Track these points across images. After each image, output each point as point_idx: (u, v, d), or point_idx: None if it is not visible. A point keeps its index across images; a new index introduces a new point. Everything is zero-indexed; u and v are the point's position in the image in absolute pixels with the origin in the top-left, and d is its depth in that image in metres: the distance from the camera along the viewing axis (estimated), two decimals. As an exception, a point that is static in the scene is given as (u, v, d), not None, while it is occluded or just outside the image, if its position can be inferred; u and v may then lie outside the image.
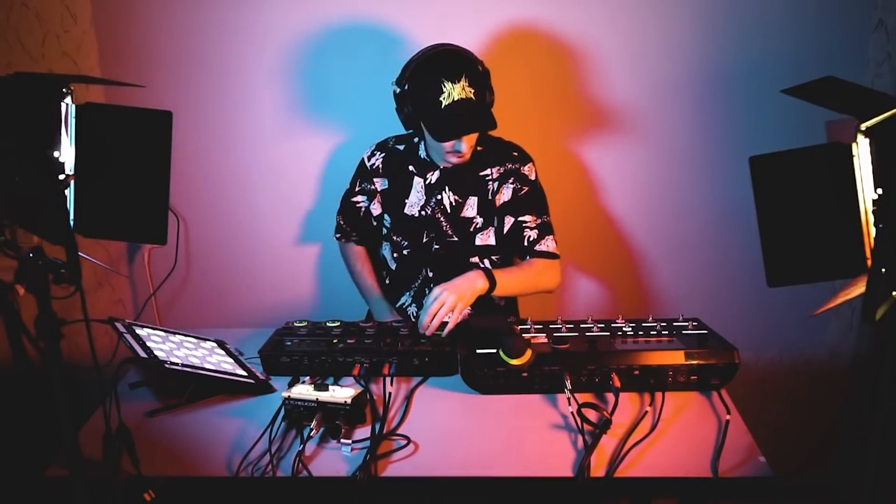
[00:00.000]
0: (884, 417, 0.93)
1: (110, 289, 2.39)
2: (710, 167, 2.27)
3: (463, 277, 1.77)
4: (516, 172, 1.93)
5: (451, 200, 1.93)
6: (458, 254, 1.97)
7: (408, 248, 2.00)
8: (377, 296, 2.06)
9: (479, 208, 1.94)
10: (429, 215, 1.95)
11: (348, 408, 1.39)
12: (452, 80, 1.70)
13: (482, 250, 1.97)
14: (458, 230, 1.95)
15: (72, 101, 1.05)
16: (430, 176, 1.94)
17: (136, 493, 1.24)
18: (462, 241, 1.96)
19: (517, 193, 1.93)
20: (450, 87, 1.70)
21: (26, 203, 1.06)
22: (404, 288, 2.05)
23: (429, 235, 1.97)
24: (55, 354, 1.05)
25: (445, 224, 1.95)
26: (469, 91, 1.71)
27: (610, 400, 1.47)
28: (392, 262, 2.06)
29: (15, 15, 1.89)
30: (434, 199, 1.94)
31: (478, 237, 1.96)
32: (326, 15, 2.15)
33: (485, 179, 1.93)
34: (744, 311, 2.36)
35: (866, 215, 0.97)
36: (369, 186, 2.01)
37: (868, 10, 2.10)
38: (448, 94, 1.71)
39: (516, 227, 1.94)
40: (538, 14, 2.13)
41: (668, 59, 2.17)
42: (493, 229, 1.96)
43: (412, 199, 1.96)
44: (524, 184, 1.94)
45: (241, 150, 2.30)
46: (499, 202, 1.94)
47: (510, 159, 1.94)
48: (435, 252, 1.97)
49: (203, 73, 2.22)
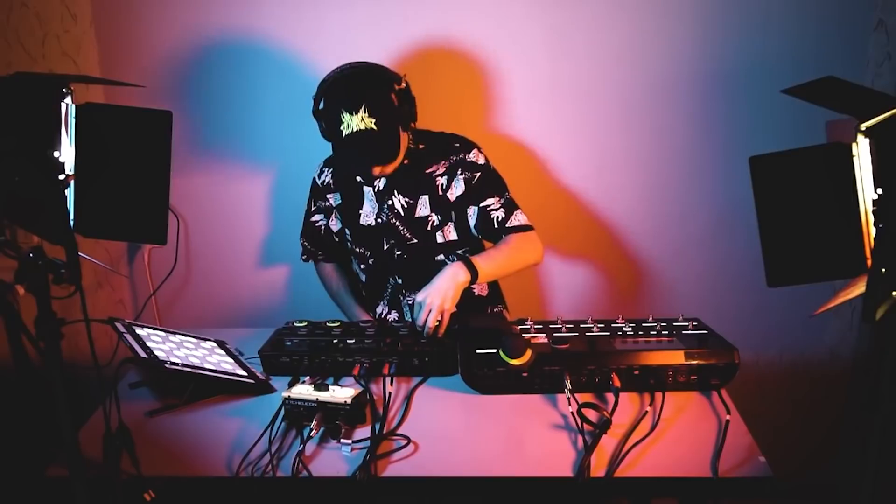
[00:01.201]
0: (884, 417, 0.93)
1: (110, 289, 2.38)
2: (710, 167, 2.27)
3: (441, 276, 1.74)
4: (463, 162, 1.90)
5: (403, 203, 1.91)
6: (422, 255, 1.95)
7: (371, 258, 2.00)
8: (358, 314, 2.05)
9: (431, 206, 1.92)
10: (385, 222, 1.94)
11: (348, 408, 1.39)
12: (351, 112, 1.69)
13: (446, 247, 1.95)
14: (416, 231, 1.93)
15: (72, 101, 1.05)
16: (377, 183, 1.93)
17: (136, 493, 1.24)
18: (422, 242, 1.94)
19: (470, 182, 1.91)
20: (348, 118, 1.70)
21: (26, 203, 1.06)
22: (379, 298, 2.05)
23: (388, 242, 1.95)
24: (55, 354, 1.05)
25: (402, 228, 1.93)
26: (369, 121, 1.69)
27: (610, 400, 1.47)
28: (361, 274, 2.06)
29: (15, 15, 1.89)
30: (386, 206, 1.93)
31: (438, 235, 1.94)
32: (326, 15, 2.15)
33: (432, 176, 1.91)
34: (744, 311, 2.36)
35: (866, 215, 0.97)
36: (324, 204, 2.02)
37: (868, 10, 2.10)
38: (347, 125, 1.70)
39: (482, 213, 1.91)
40: (539, 12, 2.13)
41: (668, 59, 2.17)
42: (452, 224, 1.94)
43: (366, 209, 1.95)
44: (474, 171, 1.91)
45: (241, 151, 2.31)
46: (453, 196, 1.92)
47: (453, 151, 1.91)
48: (399, 258, 1.96)
49: (203, 73, 2.22)
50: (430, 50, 2.15)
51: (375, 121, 1.70)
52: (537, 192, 2.03)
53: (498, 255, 1.87)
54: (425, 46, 2.15)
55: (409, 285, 1.78)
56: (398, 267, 1.97)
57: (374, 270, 2.02)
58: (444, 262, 1.94)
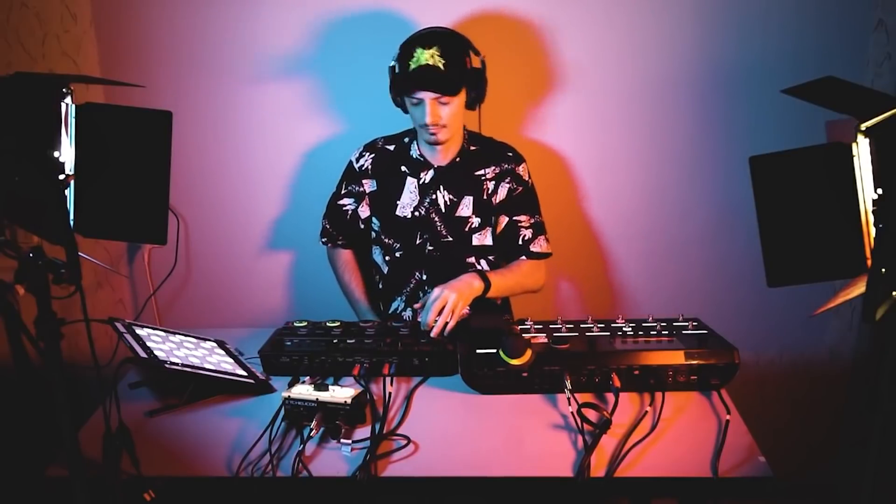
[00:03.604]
0: (884, 417, 0.93)
1: (110, 289, 2.38)
2: (710, 167, 2.27)
3: (459, 279, 1.77)
4: (512, 172, 1.94)
5: (446, 200, 1.93)
6: (453, 254, 1.96)
7: (400, 251, 1.99)
8: (365, 308, 2.05)
9: (474, 208, 1.94)
10: (423, 215, 1.94)
11: (348, 408, 1.39)
12: (423, 47, 1.74)
13: (479, 250, 1.97)
14: (453, 230, 1.95)
15: (72, 101, 1.05)
16: (423, 175, 1.94)
17: (136, 493, 1.24)
18: (457, 241, 1.95)
19: (512, 193, 1.95)
20: (419, 52, 1.74)
21: (26, 203, 1.06)
22: (396, 292, 2.04)
23: (422, 237, 1.96)
24: (55, 354, 1.05)
25: (440, 224, 1.94)
26: (438, 60, 1.74)
27: (610, 400, 1.47)
28: (384, 265, 2.04)
29: (15, 15, 1.89)
30: (428, 199, 1.93)
31: (475, 237, 1.96)
32: (326, 15, 2.15)
33: (480, 179, 1.93)
34: (744, 311, 2.36)
35: (866, 215, 0.97)
36: (357, 188, 2.00)
37: (868, 10, 2.10)
38: (416, 59, 1.74)
39: (511, 226, 1.95)
40: (537, 12, 2.13)
41: (668, 59, 2.17)
42: (489, 229, 1.96)
43: (404, 200, 1.95)
44: (519, 184, 1.95)
45: (241, 150, 2.30)
46: (495, 202, 1.95)
47: (505, 160, 1.95)
48: (429, 254, 1.96)
49: (203, 73, 2.22)
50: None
51: (445, 63, 1.74)
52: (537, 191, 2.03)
53: (509, 276, 1.91)
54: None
55: (434, 282, 1.78)
56: (427, 263, 1.97)
57: (399, 263, 2.00)
58: (473, 265, 1.97)
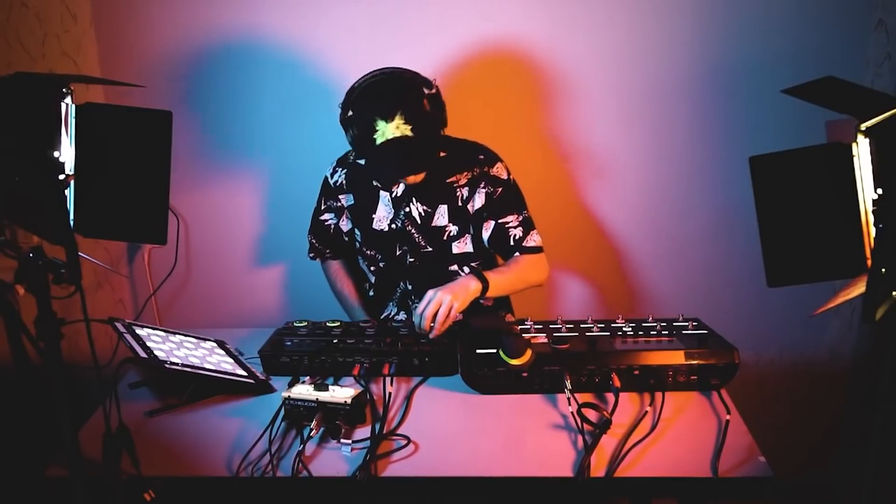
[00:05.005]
0: (884, 417, 0.93)
1: (110, 289, 2.38)
2: (710, 167, 2.27)
3: (456, 282, 1.75)
4: (486, 176, 1.87)
5: (420, 211, 1.88)
6: (435, 264, 1.93)
7: (382, 262, 1.98)
8: (362, 313, 2.04)
9: (450, 216, 1.89)
10: (399, 228, 1.91)
11: (348, 408, 1.39)
12: (385, 119, 1.65)
13: (460, 258, 1.94)
14: (432, 240, 1.91)
15: (72, 101, 1.06)
16: (395, 189, 1.89)
17: (136, 493, 1.24)
18: (437, 251, 1.92)
19: (491, 197, 1.88)
20: (383, 125, 1.65)
21: (26, 203, 1.06)
22: (387, 299, 2.04)
23: (401, 248, 1.93)
24: (55, 354, 1.05)
25: (417, 235, 1.90)
26: (405, 128, 1.66)
27: (610, 400, 1.47)
28: (370, 274, 2.04)
29: (15, 15, 1.89)
30: (402, 212, 1.89)
31: (454, 245, 1.92)
32: (326, 15, 2.15)
33: (453, 186, 1.87)
34: (744, 311, 2.36)
35: (866, 215, 0.97)
36: (335, 204, 1.99)
37: (868, 10, 2.10)
38: (381, 133, 1.66)
39: (499, 229, 1.89)
40: (538, 12, 2.13)
41: (668, 59, 2.17)
42: (469, 236, 1.92)
43: (380, 213, 1.92)
44: (497, 185, 1.87)
45: (241, 151, 2.30)
46: (472, 209, 1.89)
47: (477, 163, 1.88)
48: (410, 264, 1.94)
49: (203, 73, 2.22)
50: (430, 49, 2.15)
51: (412, 127, 1.66)
52: (537, 191, 2.02)
53: (509, 273, 1.87)
54: (425, 46, 2.15)
55: (419, 292, 1.76)
56: (409, 273, 1.96)
57: (384, 273, 2.00)
58: (456, 273, 1.93)
